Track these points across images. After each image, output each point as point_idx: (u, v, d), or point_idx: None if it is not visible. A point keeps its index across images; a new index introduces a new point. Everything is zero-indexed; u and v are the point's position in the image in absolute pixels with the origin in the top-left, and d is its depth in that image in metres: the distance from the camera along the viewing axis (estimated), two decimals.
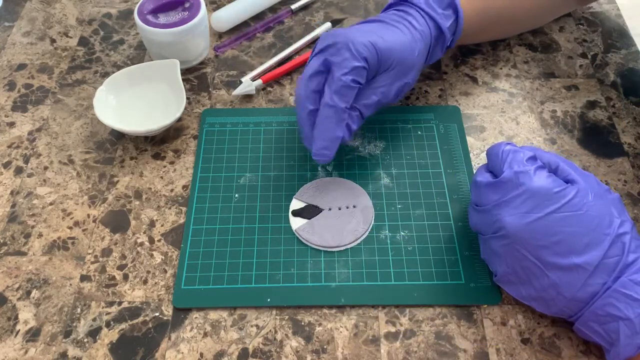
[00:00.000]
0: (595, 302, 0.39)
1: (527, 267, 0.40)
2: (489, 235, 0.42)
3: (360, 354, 0.44)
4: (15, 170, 0.54)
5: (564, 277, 0.39)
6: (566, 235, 0.39)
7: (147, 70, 0.58)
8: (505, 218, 0.40)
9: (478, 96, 0.60)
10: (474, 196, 0.44)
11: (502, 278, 0.43)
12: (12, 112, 0.59)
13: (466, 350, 0.44)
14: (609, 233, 0.39)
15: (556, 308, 0.41)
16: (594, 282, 0.39)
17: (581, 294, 0.39)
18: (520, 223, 0.39)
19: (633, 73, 0.62)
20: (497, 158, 0.43)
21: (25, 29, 0.67)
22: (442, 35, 0.53)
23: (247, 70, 0.63)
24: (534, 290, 0.41)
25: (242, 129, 0.57)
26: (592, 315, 0.39)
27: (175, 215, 0.51)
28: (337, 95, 0.46)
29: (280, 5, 0.69)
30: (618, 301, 0.38)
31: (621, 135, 0.57)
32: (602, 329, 0.39)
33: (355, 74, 0.47)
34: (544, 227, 0.39)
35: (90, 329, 0.45)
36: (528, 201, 0.39)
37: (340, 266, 0.48)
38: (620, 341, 0.38)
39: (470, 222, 0.45)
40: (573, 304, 0.40)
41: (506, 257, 0.41)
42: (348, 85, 0.46)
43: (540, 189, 0.39)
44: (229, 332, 0.45)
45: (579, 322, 0.41)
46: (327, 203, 0.51)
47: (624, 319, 0.38)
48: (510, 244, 0.40)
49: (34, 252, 0.49)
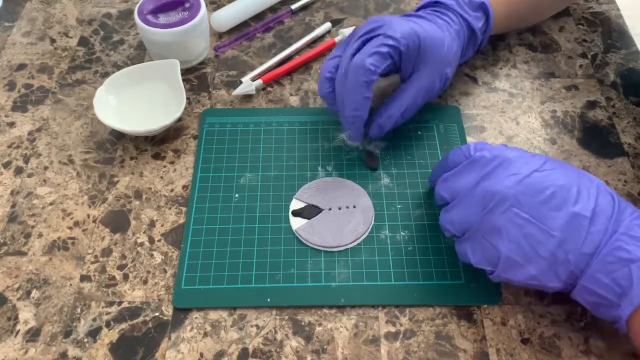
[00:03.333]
0: (604, 249, 0.38)
1: (530, 234, 0.39)
2: (483, 214, 0.41)
3: (360, 354, 0.44)
4: (15, 170, 0.54)
5: (567, 230, 0.39)
6: (556, 188, 0.39)
7: (147, 70, 0.58)
8: (496, 186, 0.40)
9: (478, 96, 0.60)
10: (445, 190, 0.44)
11: (506, 262, 0.40)
12: (12, 112, 0.59)
13: (466, 350, 0.44)
14: (593, 181, 0.41)
15: (566, 273, 0.39)
16: (596, 229, 0.39)
17: (587, 245, 0.38)
18: (511, 183, 0.40)
19: (633, 73, 0.62)
20: (459, 152, 0.45)
21: (25, 29, 0.67)
22: (474, 35, 0.55)
23: (247, 70, 0.63)
24: (541, 261, 0.39)
25: (242, 129, 0.57)
26: (601, 264, 0.38)
27: (175, 215, 0.51)
28: (370, 57, 0.48)
29: (280, 5, 0.69)
30: (627, 244, 0.38)
31: (621, 135, 0.57)
32: (610, 279, 0.38)
33: (392, 48, 0.48)
34: (533, 184, 0.40)
35: (90, 329, 0.45)
36: (510, 167, 0.41)
37: (340, 266, 0.48)
38: (634, 284, 0.37)
39: (447, 222, 0.43)
40: (581, 260, 0.39)
41: (507, 229, 0.40)
42: (383, 53, 0.48)
43: (516, 157, 0.42)
44: (229, 332, 0.45)
45: (585, 279, 0.39)
46: (327, 203, 0.51)
47: (636, 261, 0.37)
48: (508, 208, 0.40)
49: (34, 252, 0.49)
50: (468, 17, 0.54)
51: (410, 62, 0.51)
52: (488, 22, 0.56)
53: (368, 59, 0.48)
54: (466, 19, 0.54)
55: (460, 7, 0.54)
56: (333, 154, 0.55)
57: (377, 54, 0.48)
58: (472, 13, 0.54)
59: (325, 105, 0.59)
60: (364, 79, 0.48)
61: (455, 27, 0.53)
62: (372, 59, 0.48)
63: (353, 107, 0.49)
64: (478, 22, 0.55)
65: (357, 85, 0.48)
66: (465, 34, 0.54)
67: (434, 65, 0.51)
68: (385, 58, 0.49)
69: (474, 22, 0.54)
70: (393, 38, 0.48)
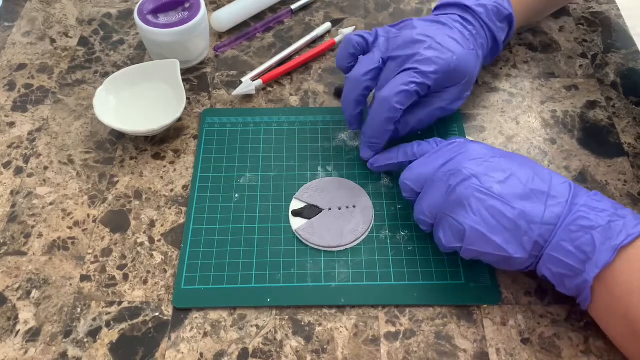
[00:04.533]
0: (566, 220, 0.41)
1: (492, 207, 0.41)
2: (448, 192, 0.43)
3: (360, 354, 0.44)
4: (15, 170, 0.54)
5: (527, 204, 0.41)
6: (515, 171, 0.43)
7: (147, 70, 0.58)
8: (463, 163, 0.44)
9: (478, 96, 0.60)
10: (409, 179, 0.46)
11: (471, 233, 0.42)
12: (12, 112, 0.59)
13: (466, 350, 0.44)
14: (546, 170, 0.44)
15: (530, 243, 0.41)
16: (555, 202, 0.41)
17: (548, 216, 0.41)
18: (473, 165, 0.43)
19: (633, 73, 0.62)
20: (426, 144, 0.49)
21: (25, 29, 0.67)
22: (496, 45, 0.55)
23: (247, 70, 0.63)
24: (505, 231, 0.41)
25: (242, 129, 0.57)
26: (565, 233, 0.40)
27: (175, 215, 0.51)
28: (397, 95, 0.48)
29: (280, 5, 0.69)
30: (587, 214, 0.40)
31: (621, 135, 0.57)
32: (574, 247, 0.40)
33: (420, 85, 0.48)
34: (493, 166, 0.43)
35: (90, 329, 0.45)
36: (472, 154, 0.44)
37: (340, 266, 0.48)
38: (597, 249, 0.39)
39: (419, 213, 0.45)
40: (544, 230, 0.41)
41: (470, 202, 0.42)
42: (410, 92, 0.48)
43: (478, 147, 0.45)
44: (229, 332, 0.45)
45: (550, 248, 0.41)
46: (327, 203, 0.51)
47: (596, 227, 0.39)
48: (470, 184, 0.42)
49: (34, 252, 0.49)
50: (494, 28, 0.53)
51: (437, 87, 0.51)
52: (509, 33, 0.56)
53: (394, 98, 0.48)
54: (492, 29, 0.53)
55: (489, 17, 0.53)
56: (333, 154, 0.55)
57: (404, 92, 0.48)
58: (498, 24, 0.54)
59: (325, 106, 0.59)
60: (388, 114, 0.49)
61: (481, 40, 0.53)
62: (398, 97, 0.48)
63: (373, 134, 0.50)
64: (502, 34, 0.54)
65: (381, 119, 0.49)
66: (488, 46, 0.54)
67: (457, 89, 0.52)
68: (412, 96, 0.49)
69: (498, 34, 0.54)
70: (425, 75, 0.48)
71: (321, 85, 0.61)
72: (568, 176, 0.53)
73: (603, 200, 0.42)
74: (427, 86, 0.49)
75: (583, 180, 0.53)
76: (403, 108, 0.48)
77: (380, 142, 0.51)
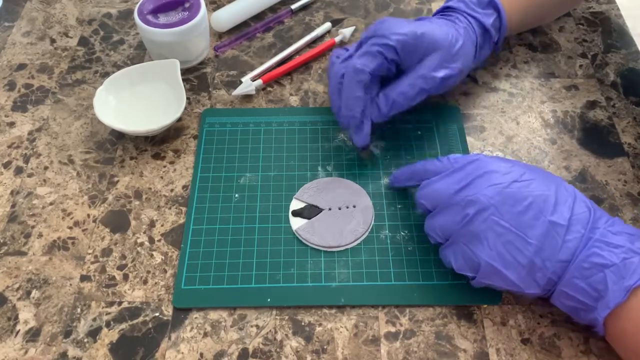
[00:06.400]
0: (580, 255, 0.40)
1: (509, 242, 0.41)
2: (464, 222, 0.42)
3: (360, 354, 0.44)
4: (15, 170, 0.54)
5: (544, 239, 0.40)
6: (534, 197, 0.41)
7: (147, 70, 0.58)
8: (476, 195, 0.42)
9: (478, 96, 0.60)
10: (424, 198, 0.45)
11: (486, 269, 0.42)
12: (12, 112, 0.59)
13: (466, 350, 0.44)
14: (569, 191, 0.42)
15: (544, 279, 0.41)
16: (572, 237, 0.40)
17: (563, 252, 0.40)
18: (492, 193, 0.41)
19: (633, 73, 0.62)
20: (437, 162, 0.46)
21: (25, 29, 0.67)
22: (487, 32, 0.55)
23: (247, 70, 0.63)
24: (520, 268, 0.41)
25: (242, 129, 0.57)
26: (577, 270, 0.40)
27: (175, 215, 0.51)
28: (359, 58, 0.49)
29: (280, 5, 0.69)
30: (601, 250, 0.39)
31: (621, 135, 0.57)
32: (587, 284, 0.39)
33: (383, 47, 0.49)
34: (512, 194, 0.41)
35: (90, 329, 0.45)
36: (490, 178, 0.42)
37: (340, 266, 0.48)
38: (609, 288, 0.38)
39: (431, 229, 0.45)
40: (558, 267, 0.40)
41: (487, 236, 0.41)
42: (373, 52, 0.49)
43: (496, 168, 0.43)
44: (229, 332, 0.45)
45: (562, 284, 0.40)
46: (327, 203, 0.51)
47: (610, 266, 0.39)
48: (488, 217, 0.41)
49: (34, 252, 0.49)
50: (477, 15, 0.54)
51: (411, 57, 0.51)
52: (500, 19, 0.55)
53: (358, 60, 0.50)
54: (475, 16, 0.54)
55: (467, 6, 0.55)
56: (333, 154, 0.55)
57: (366, 54, 0.50)
58: (480, 10, 0.55)
59: (325, 105, 0.59)
60: (355, 78, 0.49)
61: (462, 24, 0.53)
62: (361, 59, 0.50)
63: (345, 104, 0.51)
64: (488, 19, 0.55)
65: (350, 86, 0.50)
66: (476, 32, 0.54)
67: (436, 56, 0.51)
68: (375, 56, 0.49)
69: (484, 19, 0.54)
70: (384, 36, 0.50)
71: (321, 85, 0.61)
72: (568, 176, 0.53)
73: (620, 233, 0.40)
74: (392, 48, 0.49)
75: (583, 180, 0.53)
76: (367, 69, 0.49)
77: (354, 113, 0.50)
